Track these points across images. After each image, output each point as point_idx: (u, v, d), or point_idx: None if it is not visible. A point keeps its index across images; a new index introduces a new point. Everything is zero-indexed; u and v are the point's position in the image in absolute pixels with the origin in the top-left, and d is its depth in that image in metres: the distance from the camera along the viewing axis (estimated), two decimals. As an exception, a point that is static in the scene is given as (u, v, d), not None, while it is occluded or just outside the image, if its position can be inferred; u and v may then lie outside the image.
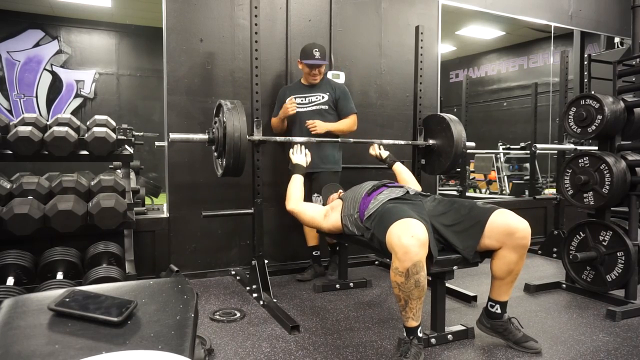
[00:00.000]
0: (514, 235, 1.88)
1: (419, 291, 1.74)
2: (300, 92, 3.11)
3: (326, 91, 3.11)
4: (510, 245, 1.90)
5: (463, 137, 3.01)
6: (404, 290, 1.74)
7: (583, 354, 1.98)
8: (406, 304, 1.78)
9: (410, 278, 1.71)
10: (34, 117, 2.67)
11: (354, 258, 3.52)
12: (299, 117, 3.06)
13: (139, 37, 6.93)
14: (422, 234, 1.73)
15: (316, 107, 3.09)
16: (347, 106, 3.13)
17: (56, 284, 2.27)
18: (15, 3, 6.16)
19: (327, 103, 3.10)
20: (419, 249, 1.70)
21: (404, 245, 1.70)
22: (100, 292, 0.89)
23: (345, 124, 3.09)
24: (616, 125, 2.62)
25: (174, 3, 3.10)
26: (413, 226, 1.75)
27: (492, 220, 1.90)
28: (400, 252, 1.70)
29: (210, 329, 2.25)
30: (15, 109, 6.45)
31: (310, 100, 3.09)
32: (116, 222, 2.49)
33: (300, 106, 3.06)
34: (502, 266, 1.95)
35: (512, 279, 1.99)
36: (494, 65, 7.25)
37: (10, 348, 0.72)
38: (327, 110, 3.10)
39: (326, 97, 3.10)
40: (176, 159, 3.15)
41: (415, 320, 1.82)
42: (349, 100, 3.14)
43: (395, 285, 1.76)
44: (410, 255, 1.69)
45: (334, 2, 3.58)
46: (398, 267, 1.72)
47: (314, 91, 3.11)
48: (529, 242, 1.92)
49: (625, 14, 4.88)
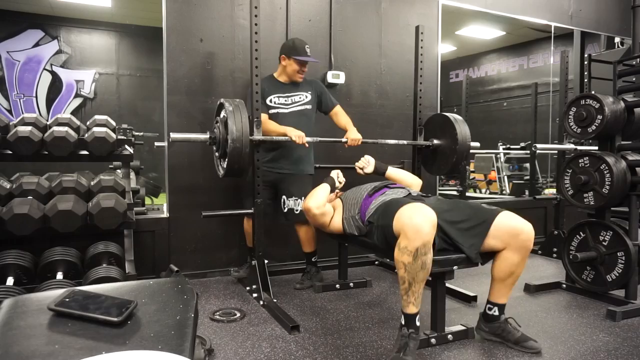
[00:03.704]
0: (518, 237, 1.89)
1: (424, 274, 1.74)
2: (280, 90, 2.91)
3: (307, 90, 2.97)
4: (514, 247, 1.91)
5: (468, 137, 3.01)
6: (410, 272, 1.73)
7: (583, 354, 1.98)
8: (409, 287, 1.76)
9: (418, 259, 1.70)
10: (34, 117, 2.66)
11: (354, 258, 3.52)
12: (279, 120, 2.85)
13: (139, 37, 6.93)
14: (433, 215, 1.74)
15: (300, 107, 2.93)
16: (331, 100, 3.05)
17: (56, 284, 2.26)
18: (15, 3, 6.16)
19: (311, 102, 2.97)
20: (430, 228, 1.70)
21: (415, 223, 1.70)
22: (100, 292, 0.89)
23: (350, 120, 3.00)
24: (616, 125, 2.62)
25: (174, 3, 3.10)
26: (424, 207, 1.77)
27: (498, 220, 1.92)
28: (411, 230, 1.69)
29: (210, 329, 2.25)
30: (15, 109, 6.45)
31: (294, 101, 2.93)
32: (116, 222, 2.49)
33: (283, 107, 2.90)
34: (504, 267, 1.95)
35: (512, 281, 2.00)
36: (494, 65, 7.25)
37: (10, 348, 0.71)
38: (310, 109, 2.97)
39: (309, 97, 2.97)
40: (176, 159, 3.15)
41: (415, 306, 1.81)
42: (328, 93, 3.08)
43: (401, 265, 1.74)
44: (421, 234, 1.68)
45: (334, 2, 3.57)
46: (407, 245, 1.70)
47: (296, 90, 2.94)
48: (532, 244, 1.93)
49: (625, 14, 4.88)
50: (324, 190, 2.46)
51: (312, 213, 2.37)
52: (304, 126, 2.86)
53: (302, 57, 2.84)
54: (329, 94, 3.08)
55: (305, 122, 2.93)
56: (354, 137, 2.85)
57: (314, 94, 3.00)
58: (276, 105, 2.91)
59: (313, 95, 2.99)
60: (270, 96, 2.88)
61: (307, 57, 2.85)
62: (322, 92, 3.04)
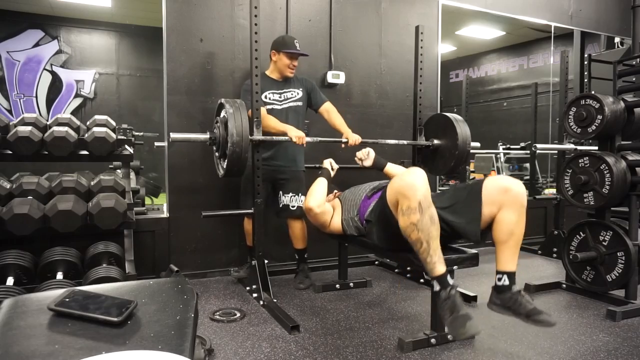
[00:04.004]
0: (509, 192, 1.89)
1: (436, 228, 1.75)
2: (273, 87, 2.94)
3: (299, 87, 3.01)
4: (508, 204, 1.89)
5: (468, 137, 3.01)
6: (423, 229, 1.72)
7: (583, 354, 1.98)
8: (429, 246, 1.74)
9: (425, 213, 1.72)
10: (34, 117, 2.66)
11: (354, 258, 3.52)
12: (274, 115, 2.87)
13: (139, 37, 6.92)
14: (421, 171, 1.81)
15: (292, 103, 2.97)
16: (321, 96, 3.07)
17: (56, 284, 2.26)
18: (15, 3, 6.16)
19: (302, 99, 3.01)
20: (424, 181, 1.76)
21: (409, 181, 1.75)
22: (100, 292, 0.89)
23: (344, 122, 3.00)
24: (616, 125, 2.62)
25: (174, 3, 3.10)
26: (410, 169, 1.85)
27: (486, 184, 1.95)
28: (407, 188, 1.75)
29: (210, 329, 2.25)
30: (15, 109, 6.44)
31: (286, 97, 2.96)
32: (116, 222, 2.49)
33: (277, 103, 2.93)
34: (502, 228, 1.92)
35: (514, 243, 1.93)
36: (494, 65, 7.25)
37: (10, 348, 0.71)
38: (301, 106, 3.02)
39: (300, 93, 3.01)
40: (176, 159, 3.15)
41: (441, 264, 1.77)
42: (318, 89, 3.10)
43: (411, 228, 1.74)
44: (418, 187, 1.73)
45: (334, 2, 3.57)
46: (410, 204, 1.73)
47: (288, 87, 2.98)
48: (526, 200, 1.92)
49: (625, 14, 4.88)
50: (322, 186, 2.47)
51: (314, 212, 2.37)
52: (297, 122, 2.94)
53: (292, 50, 2.88)
54: (319, 91, 3.11)
55: (297, 119, 2.98)
56: (353, 137, 2.86)
57: (304, 90, 3.04)
58: (270, 101, 2.94)
59: (304, 92, 3.03)
60: (265, 92, 2.90)
61: (295, 50, 2.89)
62: (312, 88, 3.07)
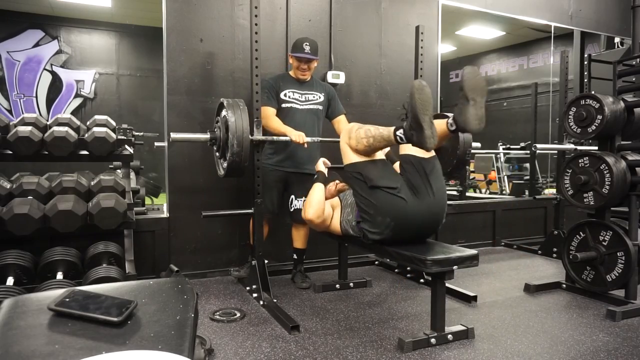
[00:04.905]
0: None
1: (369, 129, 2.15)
2: (295, 87, 2.97)
3: (322, 91, 3.05)
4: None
5: (469, 137, 3.01)
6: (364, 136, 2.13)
7: (583, 354, 1.98)
8: (373, 135, 2.10)
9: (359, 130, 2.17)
10: (34, 117, 2.67)
11: (354, 258, 3.52)
12: (292, 114, 2.91)
13: (139, 37, 6.92)
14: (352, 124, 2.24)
15: (313, 106, 3.00)
16: (339, 106, 3.11)
17: (56, 284, 2.26)
18: (15, 3, 6.16)
19: (322, 104, 3.04)
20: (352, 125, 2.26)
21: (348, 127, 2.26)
22: (100, 292, 0.89)
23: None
24: (616, 125, 2.62)
25: (174, 3, 3.10)
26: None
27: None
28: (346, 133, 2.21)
29: (210, 329, 2.25)
30: (15, 109, 6.45)
31: (307, 99, 2.99)
32: (116, 222, 2.49)
33: (297, 102, 2.95)
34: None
35: None
36: (494, 65, 7.25)
37: (10, 348, 0.71)
38: (321, 110, 3.04)
39: (322, 98, 3.03)
40: (176, 159, 3.15)
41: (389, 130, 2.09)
42: (338, 100, 3.14)
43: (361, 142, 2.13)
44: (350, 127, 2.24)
45: (334, 2, 3.57)
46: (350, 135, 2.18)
47: (310, 89, 3.01)
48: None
49: (625, 14, 4.88)
50: (320, 194, 2.45)
51: (315, 223, 2.42)
52: (314, 125, 2.97)
53: (298, 53, 2.88)
54: (339, 101, 3.13)
55: (315, 122, 3.00)
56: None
57: (327, 97, 3.06)
58: (290, 99, 2.94)
59: (325, 97, 3.05)
60: (285, 90, 2.93)
61: (302, 53, 2.88)
62: (334, 97, 3.11)
